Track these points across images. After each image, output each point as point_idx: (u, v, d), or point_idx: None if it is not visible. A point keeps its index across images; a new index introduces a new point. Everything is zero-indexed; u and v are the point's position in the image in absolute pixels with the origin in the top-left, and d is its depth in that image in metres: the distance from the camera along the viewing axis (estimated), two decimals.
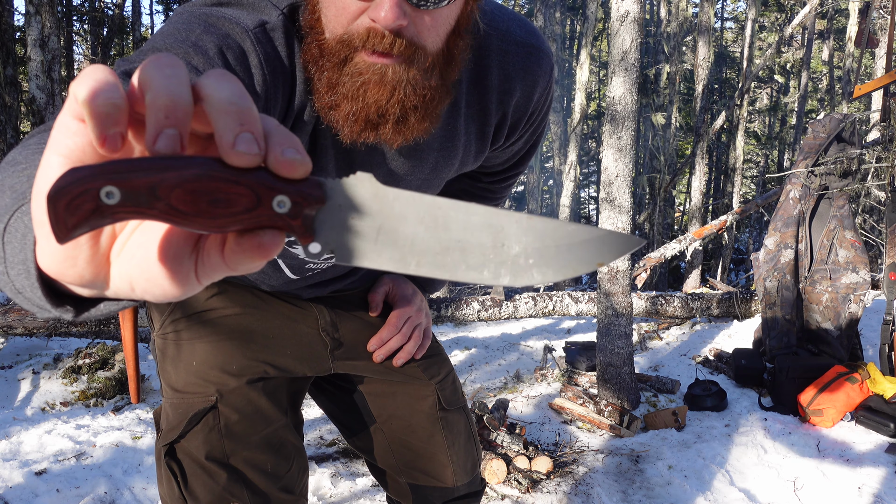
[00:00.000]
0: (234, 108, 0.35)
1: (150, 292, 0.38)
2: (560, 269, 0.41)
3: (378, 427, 1.21)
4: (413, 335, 1.19)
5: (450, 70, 0.79)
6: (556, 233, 0.41)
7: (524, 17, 0.97)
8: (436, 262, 0.40)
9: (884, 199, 4.45)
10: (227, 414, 1.04)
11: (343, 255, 0.40)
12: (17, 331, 3.70)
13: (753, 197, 20.77)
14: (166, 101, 0.34)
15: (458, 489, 1.23)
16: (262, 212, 0.36)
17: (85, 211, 0.33)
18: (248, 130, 0.35)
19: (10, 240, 0.44)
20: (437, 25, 0.74)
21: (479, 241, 0.40)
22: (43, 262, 0.39)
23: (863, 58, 5.27)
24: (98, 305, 0.44)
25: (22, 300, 0.46)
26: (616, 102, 3.32)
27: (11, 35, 7.70)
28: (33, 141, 0.54)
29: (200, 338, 1.07)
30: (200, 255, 0.39)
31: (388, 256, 0.40)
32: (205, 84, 0.36)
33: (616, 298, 3.33)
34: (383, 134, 0.78)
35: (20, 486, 2.41)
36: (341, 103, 0.75)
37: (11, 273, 0.44)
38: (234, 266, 0.38)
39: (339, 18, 0.72)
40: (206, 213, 0.35)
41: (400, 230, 0.40)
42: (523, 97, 0.97)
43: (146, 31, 20.73)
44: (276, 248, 0.37)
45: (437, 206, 0.40)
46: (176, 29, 0.73)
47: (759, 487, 2.54)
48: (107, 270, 0.39)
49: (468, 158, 1.00)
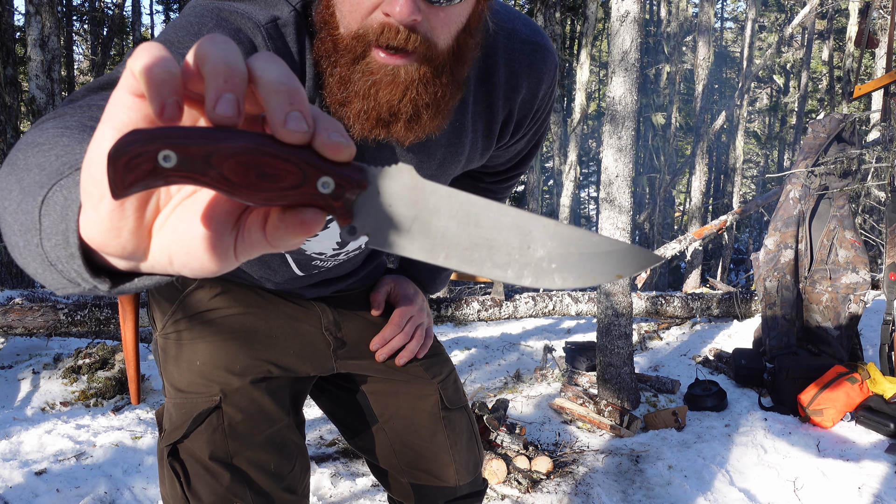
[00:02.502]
0: (285, 88, 0.37)
1: (189, 266, 0.40)
2: (581, 276, 0.43)
3: (380, 427, 1.21)
4: (415, 334, 1.19)
5: (460, 67, 0.80)
6: (580, 241, 0.43)
7: (527, 16, 0.98)
8: (463, 257, 0.42)
9: (884, 199, 4.45)
10: (231, 414, 1.03)
11: (377, 239, 0.42)
12: (17, 331, 3.70)
13: (753, 197, 20.78)
14: (224, 68, 0.36)
15: (461, 488, 1.23)
16: (306, 190, 0.38)
17: (142, 171, 0.35)
18: (297, 109, 0.37)
19: (49, 212, 0.45)
20: (449, 22, 0.75)
21: (507, 240, 0.42)
22: (87, 231, 0.40)
23: (863, 58, 5.26)
24: (133, 280, 0.45)
25: (51, 274, 0.46)
26: (616, 102, 3.32)
27: (11, 35, 7.70)
28: (50, 125, 0.56)
29: (204, 337, 1.07)
30: (241, 231, 0.40)
31: (419, 246, 0.42)
32: (255, 65, 0.38)
33: (616, 298, 3.33)
34: (395, 132, 0.78)
35: (20, 486, 2.41)
36: (353, 100, 0.76)
37: (47, 245, 0.45)
38: (275, 242, 0.39)
39: (353, 13, 0.73)
40: (254, 186, 0.37)
41: (433, 222, 0.42)
42: (529, 94, 0.98)
43: (146, 31, 20.73)
44: (317, 226, 0.39)
45: (471, 204, 0.42)
46: (188, 22, 0.74)
47: (759, 487, 2.54)
48: (148, 243, 0.40)
49: (474, 155, 1.01)
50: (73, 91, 8.40)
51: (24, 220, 0.47)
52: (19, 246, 0.48)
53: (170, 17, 19.06)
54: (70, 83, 14.99)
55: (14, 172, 0.50)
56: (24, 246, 0.47)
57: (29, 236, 0.46)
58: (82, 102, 0.62)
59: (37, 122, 0.59)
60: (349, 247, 1.05)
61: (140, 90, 0.36)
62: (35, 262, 0.47)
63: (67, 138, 0.52)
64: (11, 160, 0.52)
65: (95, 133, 0.38)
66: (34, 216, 0.46)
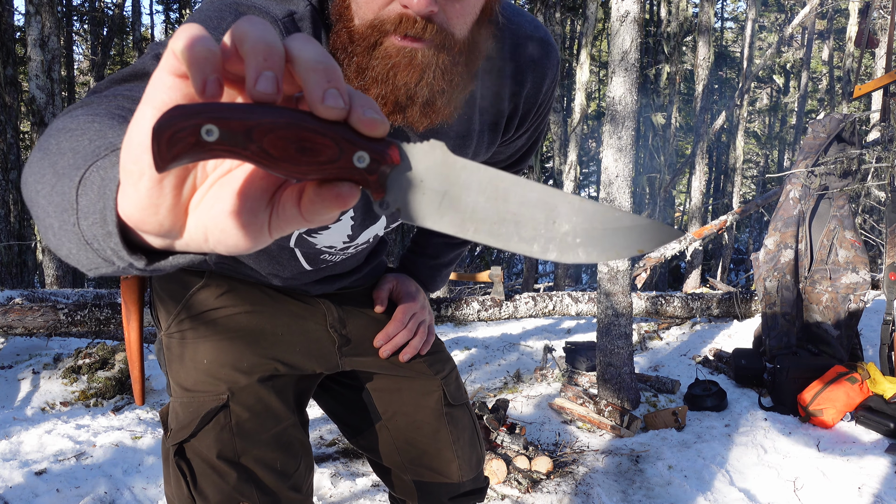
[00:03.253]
0: (322, 66, 0.38)
1: (224, 243, 0.41)
2: (604, 250, 0.44)
3: (383, 424, 1.21)
4: (419, 331, 1.20)
5: (475, 58, 0.81)
6: (604, 216, 0.43)
7: (530, 14, 1.00)
8: (491, 231, 0.43)
9: (884, 199, 4.45)
10: (239, 412, 1.03)
11: (408, 213, 0.43)
12: (17, 331, 3.70)
13: (753, 197, 20.78)
14: (264, 47, 0.37)
15: (464, 485, 1.23)
16: (342, 164, 0.39)
17: (186, 144, 0.36)
18: (334, 87, 0.38)
19: (86, 191, 0.46)
20: (465, 13, 0.76)
21: (533, 215, 0.43)
22: (125, 209, 0.41)
23: (863, 58, 5.26)
24: (168, 258, 0.46)
25: (86, 253, 0.47)
26: (616, 102, 3.32)
27: (11, 35, 7.70)
28: (80, 112, 0.57)
29: (210, 336, 1.07)
30: (275, 208, 0.41)
31: (448, 220, 0.43)
32: (293, 45, 0.39)
33: (616, 298, 3.33)
34: (410, 117, 0.79)
35: (20, 486, 2.41)
36: (370, 87, 0.76)
37: (83, 224, 0.46)
38: (311, 216, 0.40)
39: (370, 4, 0.74)
40: (293, 160, 0.38)
41: (463, 197, 0.43)
42: (533, 88, 1.00)
43: (146, 31, 20.72)
44: (352, 199, 0.40)
45: (500, 179, 0.43)
46: (207, 16, 0.75)
47: (759, 487, 2.54)
48: (184, 221, 0.41)
49: (481, 148, 1.02)
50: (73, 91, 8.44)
51: (59, 202, 0.48)
52: (54, 227, 0.49)
53: (169, 17, 19.05)
54: (70, 83, 14.98)
55: (47, 157, 0.52)
56: (60, 227, 0.48)
57: (65, 216, 0.47)
58: (108, 93, 0.64)
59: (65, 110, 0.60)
60: (359, 240, 1.06)
61: (180, 71, 0.37)
62: (70, 242, 0.48)
63: (98, 123, 0.53)
64: (43, 146, 0.54)
65: (136, 113, 0.39)
66: (71, 196, 0.47)
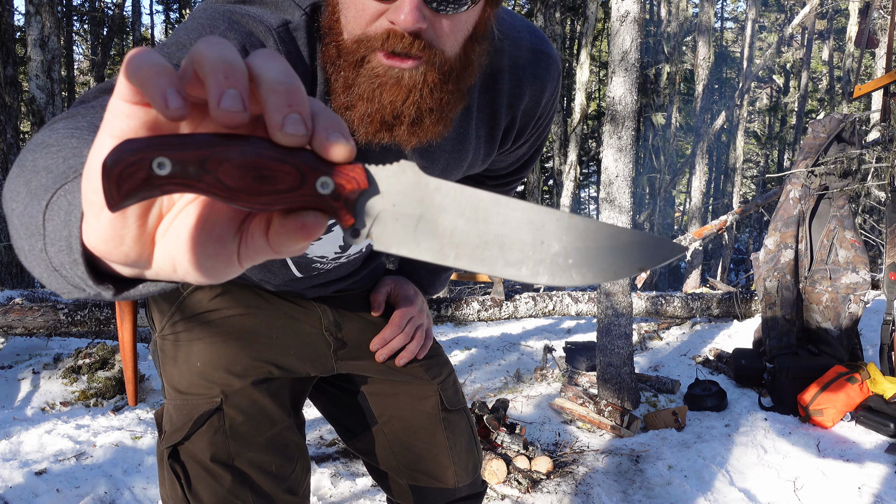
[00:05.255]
0: (283, 88, 0.36)
1: (192, 274, 0.39)
2: (601, 271, 0.40)
3: (379, 428, 1.21)
4: (416, 335, 1.19)
5: (466, 75, 0.80)
6: (598, 234, 0.40)
7: (532, 24, 0.98)
8: (474, 256, 0.40)
9: (884, 199, 4.45)
10: (233, 415, 1.03)
11: (382, 241, 0.40)
12: (17, 331, 3.70)
13: (753, 197, 20.78)
14: (224, 66, 0.35)
15: (460, 490, 1.23)
16: (305, 192, 0.37)
17: (137, 180, 0.34)
18: (296, 111, 0.36)
19: (52, 217, 0.45)
20: (455, 31, 0.75)
21: (519, 236, 0.40)
22: (90, 239, 0.39)
23: (863, 58, 5.26)
24: (137, 286, 0.45)
25: (55, 279, 0.46)
26: (616, 102, 3.32)
27: (11, 35, 7.70)
28: (61, 125, 0.55)
29: (203, 339, 1.06)
30: (244, 237, 0.40)
31: (426, 246, 0.40)
32: (254, 63, 0.37)
33: (616, 298, 3.33)
34: (398, 135, 0.78)
35: (20, 486, 2.41)
36: (357, 104, 0.76)
37: (51, 250, 0.45)
38: (279, 247, 0.39)
39: (358, 19, 0.73)
40: (252, 190, 0.36)
41: (440, 221, 0.40)
42: (532, 101, 0.98)
43: (146, 31, 20.72)
44: (318, 230, 0.38)
45: (478, 199, 0.40)
46: (200, 25, 0.74)
47: (759, 487, 2.54)
48: (151, 250, 0.40)
49: (476, 161, 1.01)
50: (73, 91, 8.40)
51: (29, 224, 0.47)
52: (24, 249, 0.48)
53: (169, 17, 19.06)
54: (70, 83, 14.98)
55: (23, 174, 0.50)
56: (29, 250, 0.47)
57: (34, 240, 0.46)
58: (94, 103, 0.62)
59: (49, 121, 0.58)
60: (351, 250, 1.05)
61: (135, 97, 0.36)
62: (40, 267, 0.47)
63: (77, 139, 0.52)
64: (21, 161, 0.52)
65: (95, 141, 0.38)
66: (38, 221, 0.46)
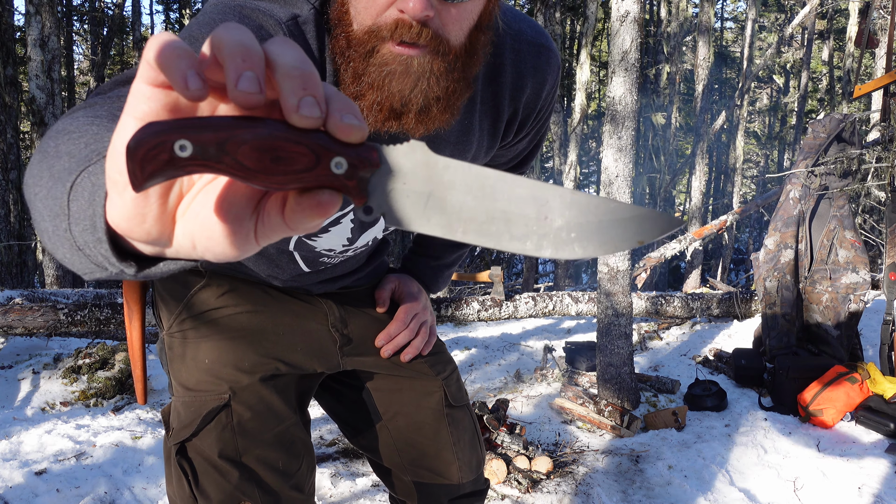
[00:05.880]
0: (298, 73, 0.38)
1: (211, 250, 0.41)
2: (602, 244, 0.42)
3: (384, 424, 1.22)
4: (420, 331, 1.20)
5: (471, 64, 0.82)
6: (598, 209, 0.42)
7: (531, 18, 1.01)
8: (481, 231, 0.42)
9: (884, 199, 4.45)
10: (240, 412, 1.04)
11: (393, 218, 0.42)
12: (17, 331, 3.70)
13: (753, 197, 20.78)
14: (242, 49, 0.37)
15: (464, 486, 1.24)
16: (320, 172, 0.39)
17: (160, 161, 0.36)
18: (310, 94, 0.38)
19: (77, 197, 0.46)
20: (461, 19, 0.77)
21: (524, 212, 0.42)
22: (113, 218, 0.41)
23: (863, 58, 5.27)
24: (158, 265, 0.46)
25: (79, 258, 0.48)
26: (616, 102, 3.32)
27: (11, 35, 7.70)
28: (81, 114, 0.57)
29: (211, 336, 1.07)
30: (261, 215, 0.41)
31: (435, 222, 0.42)
32: (270, 49, 0.38)
33: (616, 298, 3.33)
34: (406, 123, 0.79)
35: (20, 486, 2.41)
36: (366, 93, 0.77)
37: (75, 229, 0.46)
38: (294, 225, 0.40)
39: (367, 10, 0.74)
40: (269, 170, 0.37)
41: (448, 198, 0.42)
42: (533, 94, 1.00)
43: (146, 31, 20.73)
44: (333, 207, 0.40)
45: (485, 177, 0.42)
46: (211, 19, 0.76)
47: (759, 487, 2.54)
48: (172, 228, 0.41)
49: (480, 153, 1.03)
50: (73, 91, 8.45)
51: (53, 206, 0.48)
52: (48, 231, 0.49)
53: (169, 17, 19.05)
54: (70, 83, 14.98)
55: (45, 160, 0.52)
56: (54, 231, 0.49)
57: (58, 221, 0.48)
58: (112, 94, 0.64)
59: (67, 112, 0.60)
60: (358, 243, 1.06)
61: (157, 80, 0.37)
62: (64, 247, 0.48)
63: (97, 126, 0.54)
64: (42, 148, 0.54)
65: (118, 124, 0.39)
66: (63, 202, 0.47)
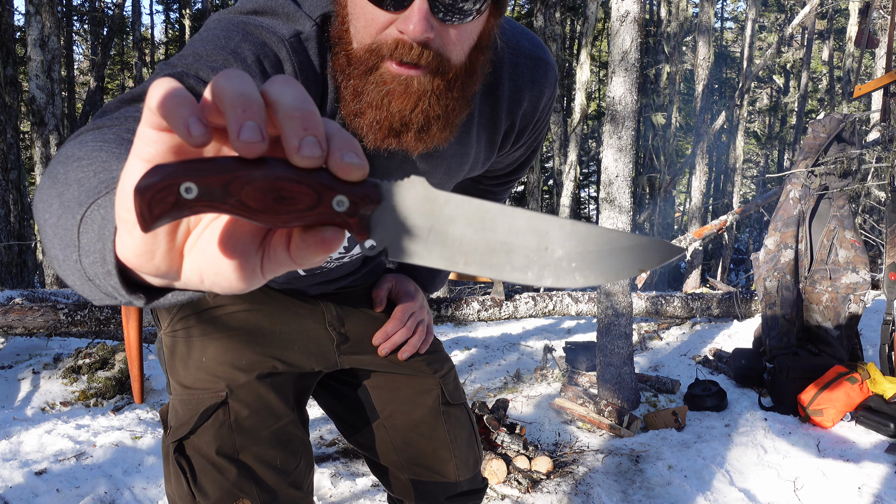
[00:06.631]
0: (299, 113, 0.38)
1: (218, 284, 0.42)
2: (602, 273, 0.43)
3: (381, 423, 1.22)
4: (417, 329, 1.21)
5: (471, 83, 0.83)
6: (598, 238, 0.43)
7: (529, 30, 1.02)
8: (483, 262, 0.43)
9: (884, 199, 4.45)
10: (238, 409, 1.05)
11: (396, 252, 0.43)
12: (17, 331, 3.70)
13: (753, 197, 20.78)
14: (242, 100, 0.37)
15: (461, 484, 1.24)
16: (322, 210, 0.40)
17: (167, 204, 0.37)
18: (311, 134, 0.38)
19: (86, 230, 0.47)
20: (461, 40, 0.77)
21: (524, 243, 0.43)
22: (123, 253, 0.42)
23: (863, 58, 5.26)
24: (166, 295, 0.48)
25: (89, 288, 0.49)
26: (616, 102, 3.32)
27: (11, 35, 7.70)
28: (89, 137, 0.58)
29: (209, 334, 1.09)
30: (267, 251, 0.42)
31: (437, 255, 0.43)
32: (271, 90, 0.39)
33: (616, 298, 3.33)
34: (405, 142, 0.81)
35: (20, 486, 2.41)
36: (366, 111, 0.78)
37: (85, 261, 0.47)
38: (300, 260, 0.41)
39: (367, 29, 0.75)
40: (273, 210, 0.39)
41: (449, 231, 0.43)
42: (530, 106, 1.02)
43: (146, 31, 20.73)
44: (337, 244, 0.41)
45: (485, 210, 0.43)
46: (215, 35, 0.77)
47: (759, 487, 2.54)
48: (180, 263, 0.43)
49: (477, 164, 1.04)
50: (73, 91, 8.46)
51: (63, 236, 0.50)
52: (59, 259, 0.50)
53: (169, 17, 19.05)
54: (70, 83, 14.99)
55: (55, 186, 0.53)
56: (64, 260, 0.50)
57: (68, 252, 0.49)
58: (118, 114, 0.65)
59: (74, 133, 0.61)
60: (353, 251, 1.07)
61: (160, 125, 0.38)
62: (74, 276, 0.49)
63: (105, 153, 0.54)
64: (52, 173, 0.55)
65: (126, 165, 0.40)
66: (73, 233, 0.48)
